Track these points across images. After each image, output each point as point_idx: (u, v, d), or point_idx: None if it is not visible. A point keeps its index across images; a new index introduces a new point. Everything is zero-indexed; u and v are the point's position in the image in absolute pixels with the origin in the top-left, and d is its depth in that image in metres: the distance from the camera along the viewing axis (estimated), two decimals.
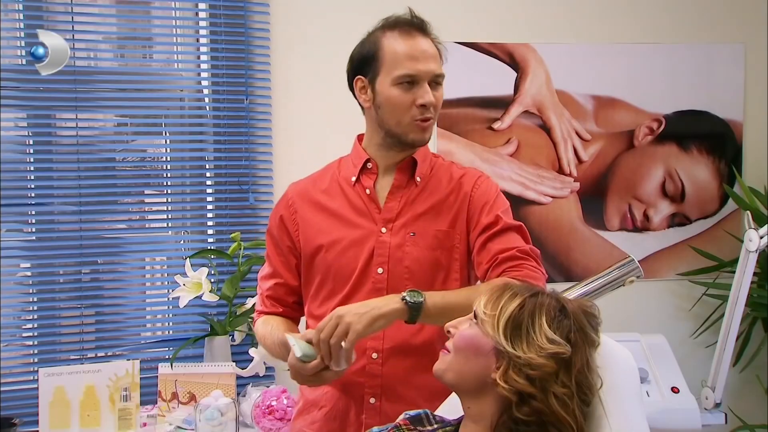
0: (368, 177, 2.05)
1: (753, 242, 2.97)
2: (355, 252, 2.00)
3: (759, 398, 3.49)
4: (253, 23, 3.15)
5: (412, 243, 1.98)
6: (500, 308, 1.54)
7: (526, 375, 1.48)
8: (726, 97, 3.60)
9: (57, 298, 3.04)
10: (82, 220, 3.03)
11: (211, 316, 3.07)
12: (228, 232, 3.10)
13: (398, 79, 1.95)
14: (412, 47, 1.96)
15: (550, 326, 1.52)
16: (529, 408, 1.47)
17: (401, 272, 1.97)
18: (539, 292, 1.59)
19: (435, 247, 1.99)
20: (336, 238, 2.02)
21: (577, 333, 1.54)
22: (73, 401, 2.78)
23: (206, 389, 2.83)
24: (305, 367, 1.79)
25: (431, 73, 1.96)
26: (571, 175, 3.48)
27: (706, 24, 3.58)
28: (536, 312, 1.53)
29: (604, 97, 3.50)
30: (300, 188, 2.14)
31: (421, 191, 2.04)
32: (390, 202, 2.03)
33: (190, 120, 3.22)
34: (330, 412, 2.02)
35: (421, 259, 1.98)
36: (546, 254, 3.43)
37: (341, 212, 2.05)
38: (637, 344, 3.13)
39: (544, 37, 3.43)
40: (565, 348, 1.50)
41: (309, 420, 2.07)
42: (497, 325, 1.52)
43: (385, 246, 1.99)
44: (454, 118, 3.35)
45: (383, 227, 2.00)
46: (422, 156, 2.06)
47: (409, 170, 2.05)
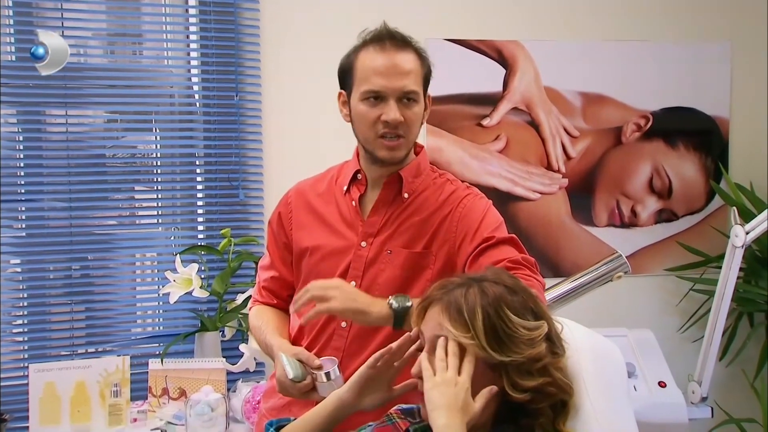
0: (357, 188, 2.05)
1: (739, 238, 3.00)
2: (334, 261, 2.01)
3: (745, 392, 3.52)
4: (243, 20, 3.15)
5: (388, 261, 1.98)
6: (469, 322, 1.49)
7: (530, 371, 1.49)
8: (713, 94, 3.63)
9: (47, 294, 3.04)
10: (73, 216, 3.03)
11: (202, 312, 3.07)
12: (218, 228, 3.11)
13: (364, 95, 1.92)
14: (382, 63, 1.91)
15: (517, 314, 1.51)
16: (543, 395, 1.49)
17: (372, 288, 1.96)
18: (478, 283, 1.54)
19: (408, 268, 1.98)
20: (320, 244, 2.04)
21: (529, 300, 1.55)
22: (64, 397, 2.79)
23: (196, 385, 2.84)
24: (295, 386, 1.85)
25: (399, 90, 1.91)
26: (559, 172, 3.50)
27: (694, 22, 3.61)
28: (499, 307, 1.50)
29: (592, 93, 3.52)
30: (300, 189, 2.16)
31: (407, 208, 2.02)
32: (372, 216, 2.02)
33: (180, 116, 3.22)
34: (287, 405, 2.04)
35: (393, 278, 1.97)
36: (535, 250, 3.45)
37: (330, 219, 2.06)
38: (624, 339, 3.14)
39: (532, 34, 3.44)
40: (542, 325, 1.52)
41: (270, 405, 2.10)
42: (481, 344, 1.48)
43: (362, 260, 1.99)
44: (443, 115, 3.36)
45: (363, 241, 2.01)
46: (412, 172, 2.03)
47: (395, 186, 2.03)
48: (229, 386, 2.93)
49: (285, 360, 1.86)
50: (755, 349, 3.51)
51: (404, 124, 1.92)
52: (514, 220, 3.43)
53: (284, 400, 2.05)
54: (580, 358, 1.62)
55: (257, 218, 3.18)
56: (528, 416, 1.51)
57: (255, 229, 3.16)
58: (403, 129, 1.93)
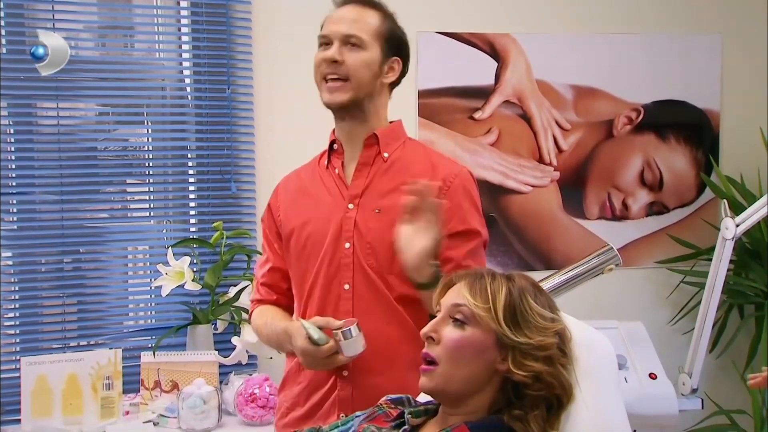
0: (336, 158, 2.09)
1: (729, 230, 3.01)
2: (323, 228, 2.03)
3: (735, 384, 3.53)
4: (234, 12, 3.15)
5: (376, 219, 2.00)
6: (491, 299, 1.53)
7: (536, 357, 1.51)
8: (703, 87, 3.64)
9: (39, 287, 3.04)
10: (64, 210, 3.02)
11: (194, 305, 3.08)
12: (210, 221, 3.11)
13: (318, 42, 2.04)
14: (334, 13, 2.04)
15: (537, 303, 1.55)
16: (542, 383, 1.51)
17: (364, 247, 2.00)
18: (506, 275, 1.60)
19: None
20: (306, 219, 2.07)
21: (552, 302, 1.60)
22: (56, 390, 2.79)
23: (189, 378, 2.84)
24: (319, 350, 1.88)
25: (337, 32, 2.00)
26: (551, 164, 3.51)
27: (684, 14, 3.62)
28: (522, 294, 1.55)
29: (583, 86, 3.53)
30: (287, 179, 2.21)
31: (389, 168, 2.06)
32: (357, 179, 2.05)
33: (172, 109, 3.22)
34: (307, 387, 2.06)
35: (383, 237, 1.98)
36: (526, 242, 3.48)
37: (316, 193, 2.09)
38: (615, 331, 3.15)
39: (524, 27, 3.45)
40: (559, 322, 1.56)
41: (289, 395, 2.12)
42: (497, 318, 1.51)
43: (351, 221, 2.02)
44: (435, 108, 3.37)
45: (350, 203, 2.03)
46: (387, 133, 2.08)
47: (374, 147, 2.07)
48: (222, 379, 2.94)
49: (306, 325, 1.89)
50: (745, 341, 3.53)
51: (345, 65, 1.99)
52: (505, 212, 3.44)
53: (302, 385, 2.06)
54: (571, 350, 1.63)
55: (249, 211, 3.17)
56: (522, 407, 1.52)
57: (247, 222, 3.16)
58: (343, 71, 1.99)
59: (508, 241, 3.47)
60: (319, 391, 2.03)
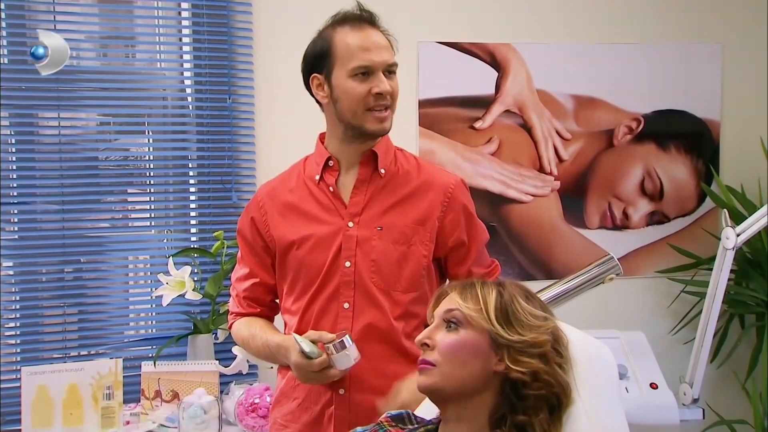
0: (330, 174, 2.09)
1: (730, 240, 3.01)
2: (324, 247, 2.04)
3: (736, 394, 3.53)
4: (235, 22, 3.15)
5: (379, 237, 2.02)
6: (482, 300, 1.56)
7: (531, 354, 1.52)
8: (704, 96, 3.64)
9: (40, 296, 3.03)
10: (65, 219, 3.02)
11: (194, 314, 3.07)
12: (211, 230, 3.11)
13: (354, 71, 1.99)
14: (364, 39, 2.00)
15: (528, 303, 1.58)
16: (541, 382, 1.51)
17: (368, 266, 2.01)
18: (497, 282, 1.63)
19: (402, 242, 2.03)
20: (306, 235, 2.06)
21: (544, 306, 1.62)
22: (56, 400, 2.78)
23: (189, 387, 2.84)
24: (311, 363, 1.88)
25: (385, 63, 2.00)
26: (551, 174, 3.51)
27: (685, 24, 3.62)
28: (513, 296, 1.57)
29: (584, 96, 3.53)
30: (269, 189, 2.18)
31: (387, 183, 2.07)
32: (355, 196, 2.06)
33: (173, 119, 3.23)
34: (303, 403, 2.07)
35: (387, 253, 2.01)
36: (527, 252, 3.48)
37: (309, 210, 2.08)
38: (616, 341, 3.15)
39: (524, 37, 3.46)
40: (550, 321, 1.57)
41: (284, 411, 2.11)
42: (489, 318, 1.54)
43: (352, 240, 2.02)
44: (435, 118, 3.37)
45: (350, 221, 2.04)
46: (384, 149, 2.09)
47: (371, 164, 2.08)
48: (222, 389, 2.93)
49: (298, 338, 1.89)
50: (746, 351, 3.52)
51: (392, 95, 2.01)
52: (506, 222, 3.44)
53: (297, 401, 2.06)
54: (571, 360, 1.63)
55: None
56: (525, 411, 1.52)
57: None
58: (390, 100, 2.02)
59: (509, 251, 3.46)
60: (313, 408, 2.03)
